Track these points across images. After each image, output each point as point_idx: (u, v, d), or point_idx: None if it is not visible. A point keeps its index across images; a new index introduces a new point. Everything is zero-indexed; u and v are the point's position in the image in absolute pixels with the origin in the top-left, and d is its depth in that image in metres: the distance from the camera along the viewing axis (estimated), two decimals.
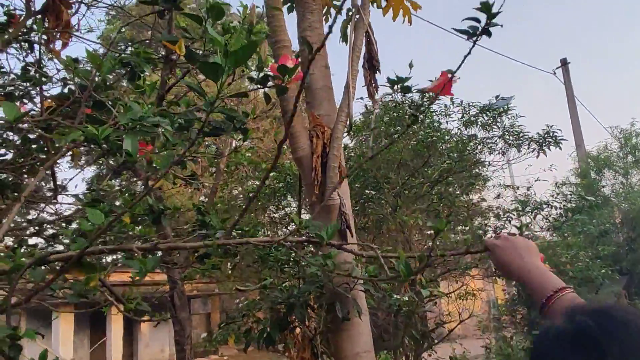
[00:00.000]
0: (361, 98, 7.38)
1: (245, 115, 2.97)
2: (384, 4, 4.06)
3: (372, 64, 3.53)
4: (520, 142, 6.87)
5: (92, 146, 1.72)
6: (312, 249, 4.09)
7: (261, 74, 2.09)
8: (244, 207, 7.87)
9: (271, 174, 6.53)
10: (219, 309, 23.56)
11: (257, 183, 7.33)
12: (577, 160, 16.48)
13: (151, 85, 2.54)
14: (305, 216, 7.67)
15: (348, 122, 3.37)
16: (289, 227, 7.76)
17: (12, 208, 1.59)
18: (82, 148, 2.92)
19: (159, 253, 2.04)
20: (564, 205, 7.17)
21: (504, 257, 1.24)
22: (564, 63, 17.83)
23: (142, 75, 2.46)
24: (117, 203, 2.59)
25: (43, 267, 1.49)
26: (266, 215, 7.34)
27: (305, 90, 3.55)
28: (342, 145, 3.42)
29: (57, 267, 1.50)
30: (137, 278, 1.46)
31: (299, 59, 2.91)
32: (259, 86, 2.29)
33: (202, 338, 18.02)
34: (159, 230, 5.34)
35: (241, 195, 8.39)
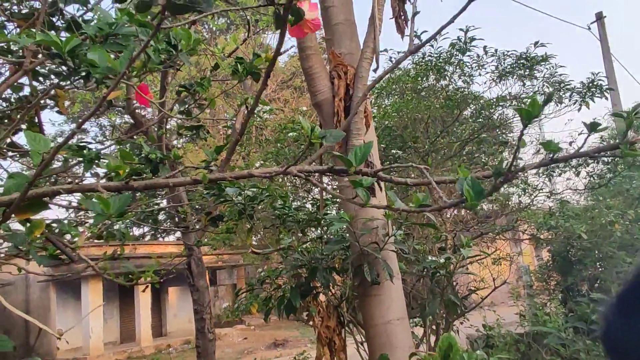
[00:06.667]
0: (385, 50, 6.85)
1: None
2: None
3: None
4: (562, 93, 6.29)
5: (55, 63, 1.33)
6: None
7: None
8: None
9: (290, 134, 6.13)
10: (245, 279, 23.66)
11: (279, 145, 6.92)
12: (614, 120, 15.64)
13: None
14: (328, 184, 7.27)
15: (375, 60, 2.93)
16: (310, 193, 7.40)
17: None
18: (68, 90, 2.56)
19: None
20: (611, 160, 6.58)
21: None
22: (599, 17, 16.78)
23: None
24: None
25: None
26: (287, 179, 6.97)
27: (324, 25, 3.11)
28: (368, 86, 2.99)
29: None
30: (100, 229, 1.09)
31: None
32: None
33: (224, 308, 18.04)
34: (172, 194, 5.02)
35: (261, 162, 8.02)
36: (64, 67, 1.25)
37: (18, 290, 19.80)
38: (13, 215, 1.32)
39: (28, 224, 1.13)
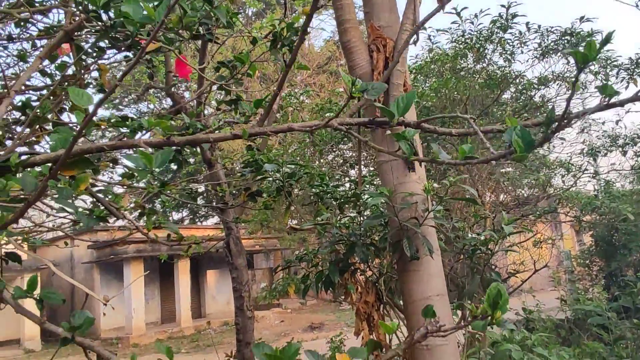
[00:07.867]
0: (424, 28, 6.71)
1: None
2: None
3: None
4: (609, 70, 6.04)
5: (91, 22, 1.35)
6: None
7: None
8: (298, 152, 7.52)
9: (327, 114, 6.11)
10: (281, 263, 23.97)
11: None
12: None
13: None
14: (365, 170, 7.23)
15: (414, 32, 2.87)
16: (348, 175, 7.39)
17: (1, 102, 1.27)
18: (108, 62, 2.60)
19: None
20: None
21: None
22: None
23: None
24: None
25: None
26: (323, 160, 6.98)
27: None
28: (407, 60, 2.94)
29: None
30: (143, 198, 1.11)
31: None
32: None
33: (261, 288, 18.32)
34: (211, 172, 5.09)
35: (297, 143, 8.05)
36: (99, 23, 1.27)
37: (64, 271, 20.61)
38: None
39: (73, 181, 1.16)
